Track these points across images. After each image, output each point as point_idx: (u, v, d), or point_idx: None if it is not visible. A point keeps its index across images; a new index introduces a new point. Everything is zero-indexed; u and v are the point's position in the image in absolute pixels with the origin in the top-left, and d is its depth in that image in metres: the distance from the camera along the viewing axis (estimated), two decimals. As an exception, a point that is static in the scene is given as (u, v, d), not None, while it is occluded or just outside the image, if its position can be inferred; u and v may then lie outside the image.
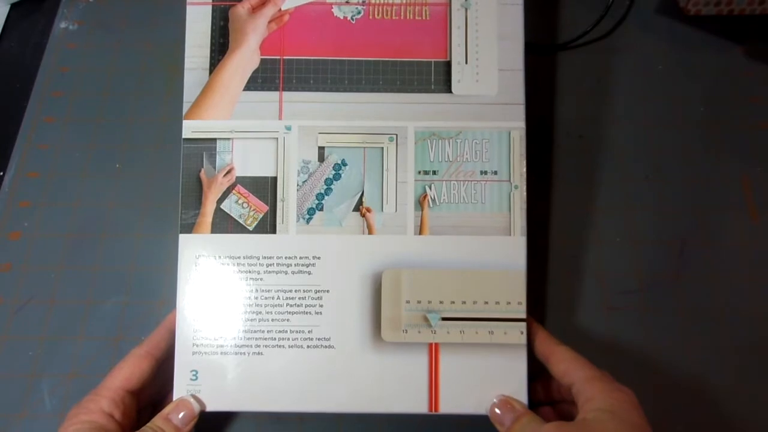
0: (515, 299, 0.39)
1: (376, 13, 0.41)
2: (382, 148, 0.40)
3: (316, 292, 0.39)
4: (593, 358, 0.35)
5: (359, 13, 0.41)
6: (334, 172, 0.40)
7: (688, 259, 0.46)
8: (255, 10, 0.41)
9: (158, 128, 0.51)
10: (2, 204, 0.49)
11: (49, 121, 0.51)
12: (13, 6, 0.57)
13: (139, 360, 0.37)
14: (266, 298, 0.39)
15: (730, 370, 0.43)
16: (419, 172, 0.40)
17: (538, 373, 0.39)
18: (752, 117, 0.50)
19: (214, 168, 0.40)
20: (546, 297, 0.45)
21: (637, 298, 0.45)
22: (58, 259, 0.47)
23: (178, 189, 0.40)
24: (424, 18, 0.41)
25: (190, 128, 0.40)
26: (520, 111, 0.40)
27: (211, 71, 0.41)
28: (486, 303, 0.39)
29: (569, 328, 0.44)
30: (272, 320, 0.39)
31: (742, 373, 0.43)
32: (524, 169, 0.40)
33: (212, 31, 0.41)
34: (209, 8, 0.41)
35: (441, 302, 0.39)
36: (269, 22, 0.41)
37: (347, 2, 0.41)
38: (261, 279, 0.39)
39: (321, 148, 0.40)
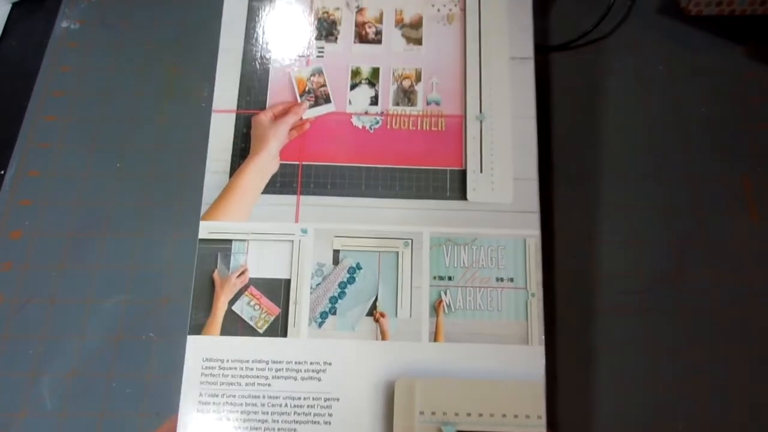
0: (534, 413, 0.37)
1: (393, 123, 0.43)
2: (397, 252, 0.40)
3: (325, 400, 0.37)
4: (593, 358, 0.33)
5: (377, 123, 0.43)
6: (348, 275, 0.40)
7: (688, 259, 0.45)
8: (277, 118, 0.43)
9: (159, 128, 0.50)
10: (3, 203, 0.48)
11: (50, 120, 0.51)
12: (14, 5, 0.57)
13: None
14: (273, 405, 0.37)
15: (730, 370, 0.42)
16: (434, 278, 0.40)
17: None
18: (753, 117, 0.50)
19: (228, 268, 0.40)
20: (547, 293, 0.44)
21: (637, 298, 0.44)
22: (59, 258, 0.46)
23: (177, 189, 0.39)
24: (440, 129, 0.43)
25: (207, 229, 0.40)
26: (535, 219, 0.40)
27: (231, 174, 0.41)
28: (504, 416, 0.37)
29: (569, 328, 0.43)
30: (278, 429, 0.37)
31: (742, 373, 0.42)
32: (540, 277, 0.39)
33: (235, 137, 0.42)
34: (233, 116, 0.43)
35: (456, 414, 0.37)
36: (290, 129, 0.42)
37: (366, 113, 0.43)
38: (269, 384, 0.38)
39: (336, 251, 0.40)
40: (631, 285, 0.45)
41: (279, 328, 0.39)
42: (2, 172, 0.49)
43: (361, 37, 0.45)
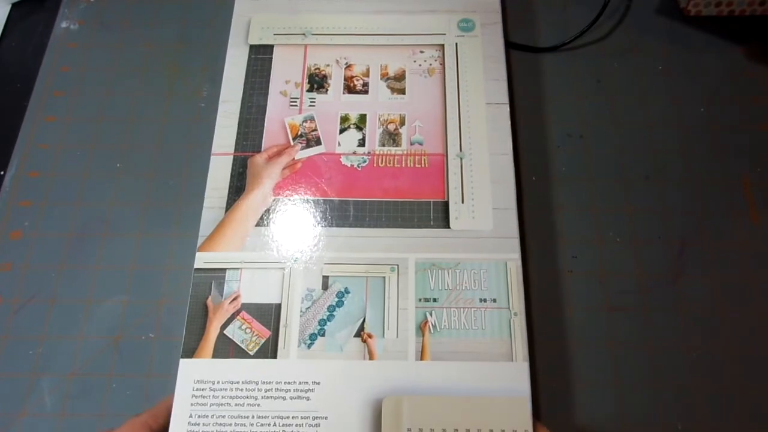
0: (521, 427, 0.37)
1: (380, 162, 0.46)
2: (384, 277, 0.42)
3: (314, 419, 0.38)
4: (592, 359, 0.33)
5: (365, 161, 0.46)
6: (337, 299, 0.41)
7: (688, 259, 0.45)
8: (271, 158, 0.46)
9: (159, 128, 0.51)
10: (3, 203, 0.49)
11: (50, 120, 0.52)
12: (14, 5, 0.58)
13: (135, 428, 0.35)
14: (262, 425, 0.38)
15: (730, 370, 0.42)
16: (420, 300, 0.41)
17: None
18: (752, 117, 0.50)
19: (221, 295, 0.41)
20: (543, 296, 0.44)
21: (637, 298, 0.44)
22: (59, 259, 0.46)
23: (179, 189, 0.40)
24: (423, 166, 0.46)
25: (202, 259, 0.42)
26: (515, 244, 0.42)
27: (227, 210, 0.44)
28: (491, 431, 0.37)
29: (569, 328, 0.43)
30: (267, 449, 0.37)
31: (742, 373, 0.42)
32: (522, 297, 0.41)
33: (231, 176, 0.45)
34: (231, 158, 0.46)
35: (444, 430, 0.37)
36: (283, 169, 0.45)
37: (354, 153, 0.46)
38: (258, 405, 0.38)
39: (325, 277, 0.42)
40: (631, 285, 0.45)
41: (269, 350, 0.40)
42: (2, 172, 0.50)
43: (350, 89, 0.49)
